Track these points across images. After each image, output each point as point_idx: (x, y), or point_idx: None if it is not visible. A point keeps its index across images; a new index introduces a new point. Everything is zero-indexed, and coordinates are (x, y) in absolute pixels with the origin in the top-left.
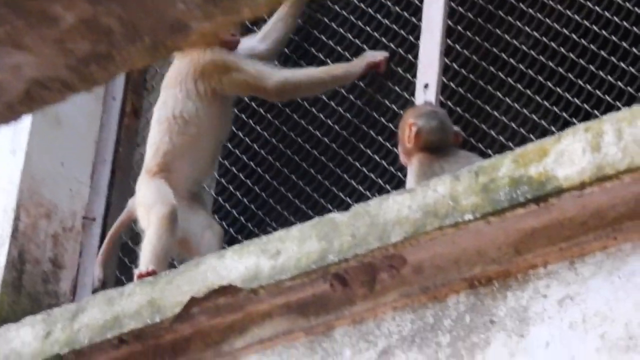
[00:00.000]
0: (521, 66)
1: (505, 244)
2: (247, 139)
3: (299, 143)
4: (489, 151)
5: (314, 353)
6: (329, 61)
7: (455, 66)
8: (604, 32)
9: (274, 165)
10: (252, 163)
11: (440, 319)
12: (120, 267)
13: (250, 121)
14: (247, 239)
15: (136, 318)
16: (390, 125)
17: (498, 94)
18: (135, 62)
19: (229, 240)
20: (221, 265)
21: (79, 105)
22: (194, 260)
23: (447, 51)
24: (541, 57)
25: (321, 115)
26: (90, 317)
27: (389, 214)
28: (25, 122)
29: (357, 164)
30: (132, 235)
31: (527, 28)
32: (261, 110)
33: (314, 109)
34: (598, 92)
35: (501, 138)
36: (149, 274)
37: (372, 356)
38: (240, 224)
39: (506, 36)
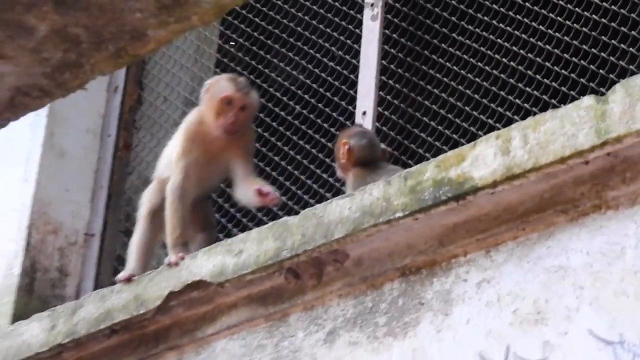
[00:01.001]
0: (443, 95)
1: (430, 238)
2: None
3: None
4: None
5: (272, 336)
6: (277, 94)
7: (389, 97)
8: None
9: None
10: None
11: (378, 304)
12: (116, 275)
13: None
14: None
15: (124, 311)
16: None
17: (424, 118)
18: (102, 68)
19: None
20: (194, 264)
21: (80, 141)
22: None
23: (381, 85)
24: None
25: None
26: (87, 312)
27: (333, 215)
28: (35, 155)
29: (302, 177)
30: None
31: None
32: None
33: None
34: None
35: (427, 155)
36: (127, 279)
37: (321, 337)
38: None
39: (431, 71)
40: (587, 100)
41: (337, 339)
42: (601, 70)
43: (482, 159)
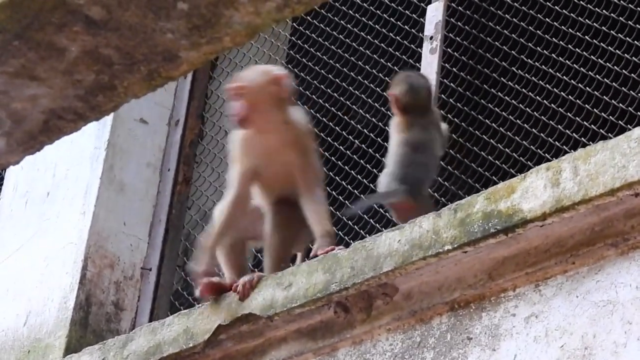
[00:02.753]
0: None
1: (480, 271)
2: None
3: None
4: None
5: None
6: (337, 129)
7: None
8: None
9: None
10: None
11: (426, 338)
12: (172, 310)
13: None
14: None
15: (174, 344)
16: None
17: (475, 148)
18: (136, 91)
19: None
20: None
21: (140, 175)
22: (222, 294)
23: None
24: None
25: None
26: (138, 345)
27: (382, 248)
28: (94, 188)
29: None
30: (184, 284)
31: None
32: None
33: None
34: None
35: (477, 185)
36: None
37: None
38: None
39: (487, 103)
40: (638, 131)
41: None
42: None
43: (532, 191)
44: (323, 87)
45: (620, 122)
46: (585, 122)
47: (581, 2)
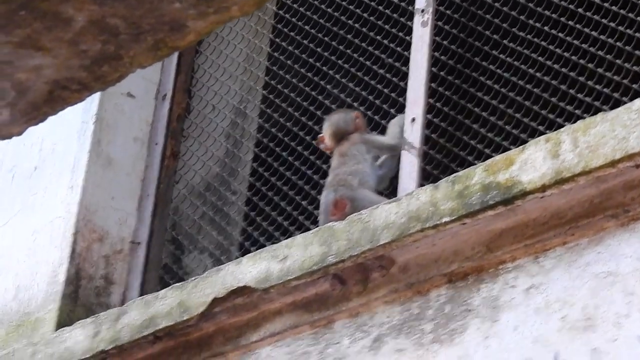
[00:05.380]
0: (493, 101)
1: (478, 243)
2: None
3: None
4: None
5: (317, 343)
6: (332, 107)
7: (438, 105)
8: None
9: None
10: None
11: (424, 310)
12: (161, 284)
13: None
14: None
15: (168, 318)
16: None
17: (474, 126)
18: (142, 61)
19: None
20: (238, 270)
21: (127, 149)
22: (216, 267)
23: (431, 92)
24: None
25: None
26: (131, 318)
27: (379, 220)
28: (82, 162)
29: None
30: (173, 258)
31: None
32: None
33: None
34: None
35: (477, 162)
36: None
37: (366, 344)
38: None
39: (481, 78)
40: (639, 102)
41: (382, 346)
42: None
43: (531, 162)
44: (311, 60)
45: (624, 98)
46: (587, 98)
47: None
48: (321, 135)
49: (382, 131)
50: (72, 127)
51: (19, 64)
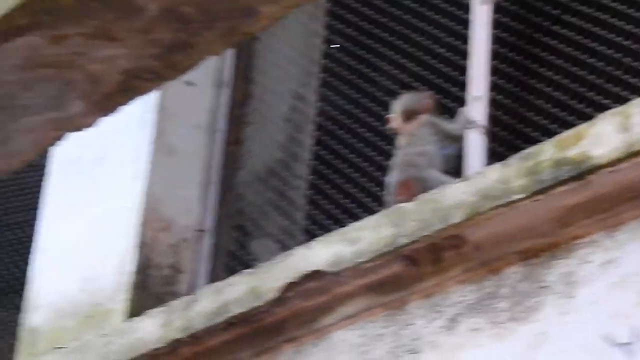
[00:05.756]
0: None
1: (551, 219)
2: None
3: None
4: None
5: (391, 325)
6: (392, 88)
7: (501, 82)
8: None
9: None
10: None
11: (498, 288)
12: (228, 271)
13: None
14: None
15: (240, 304)
16: None
17: (539, 102)
18: (214, 48)
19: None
20: (310, 253)
21: (189, 137)
22: (286, 252)
23: (493, 70)
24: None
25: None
26: (202, 306)
27: (450, 199)
28: (145, 152)
29: None
30: (238, 244)
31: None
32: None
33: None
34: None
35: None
36: None
37: (441, 324)
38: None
39: (543, 54)
40: None
41: (457, 326)
42: None
43: (602, 136)
44: (370, 42)
45: None
46: None
47: None
48: (391, 115)
49: (446, 112)
50: (133, 117)
51: (91, 55)
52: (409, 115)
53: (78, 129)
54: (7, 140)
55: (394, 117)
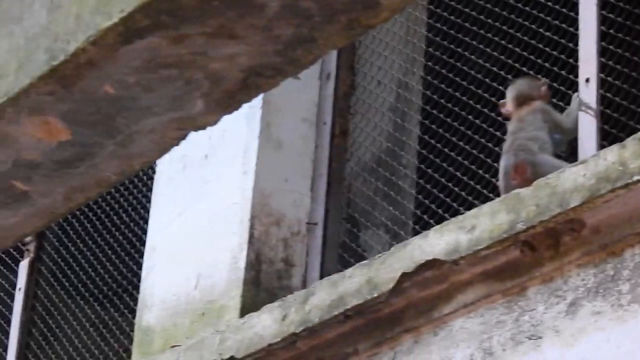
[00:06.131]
0: None
1: None
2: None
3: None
4: None
5: (511, 311)
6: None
7: (611, 63)
8: None
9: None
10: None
11: (619, 271)
12: (341, 263)
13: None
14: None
15: (357, 296)
16: None
17: None
18: (335, 42)
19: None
20: (425, 243)
21: (296, 130)
22: (402, 242)
23: (602, 51)
24: None
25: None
26: (319, 299)
27: (567, 183)
28: (253, 147)
29: None
30: (350, 236)
31: None
32: (456, 109)
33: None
34: None
35: None
36: None
37: (562, 309)
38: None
39: None
40: None
41: (579, 310)
42: None
43: None
44: (474, 28)
45: None
46: None
47: None
48: (503, 100)
49: (553, 94)
50: (239, 112)
51: (212, 54)
52: (522, 100)
53: (199, 128)
54: (129, 142)
55: (507, 102)
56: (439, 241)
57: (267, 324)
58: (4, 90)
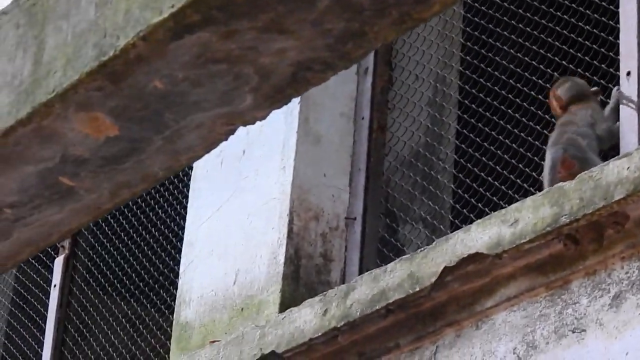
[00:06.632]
0: None
1: None
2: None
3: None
4: None
5: (555, 305)
6: (536, 65)
7: None
8: None
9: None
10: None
11: None
12: (380, 258)
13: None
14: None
15: (399, 290)
16: None
17: None
18: (386, 36)
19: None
20: (468, 237)
21: (335, 125)
22: (444, 236)
23: None
24: None
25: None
26: (360, 294)
27: (611, 176)
28: (291, 142)
29: None
30: (389, 230)
31: None
32: (494, 103)
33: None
34: None
35: None
36: None
37: (606, 302)
38: (480, 196)
39: None
40: None
41: (623, 303)
42: None
43: None
44: (513, 22)
45: None
46: None
47: None
48: (555, 90)
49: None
50: None
51: (262, 48)
52: (577, 99)
53: (248, 123)
54: (177, 137)
55: (558, 99)
56: (482, 235)
57: (308, 318)
58: (52, 86)
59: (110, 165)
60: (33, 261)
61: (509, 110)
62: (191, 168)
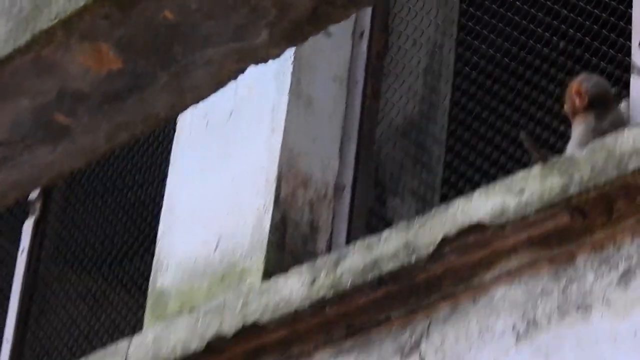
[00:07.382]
0: None
1: None
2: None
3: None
4: None
5: (558, 280)
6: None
7: None
8: None
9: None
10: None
11: None
12: (368, 229)
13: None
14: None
15: (393, 260)
16: None
17: None
18: None
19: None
20: (469, 205)
21: (327, 89)
22: (443, 204)
23: None
24: None
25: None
26: (352, 262)
27: (625, 146)
28: (282, 104)
29: None
30: (378, 201)
31: None
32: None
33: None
34: None
35: None
36: None
37: (613, 278)
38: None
39: None
40: None
41: (632, 280)
42: None
43: None
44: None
45: None
46: None
47: None
48: (576, 85)
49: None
50: (268, 68)
51: None
52: (597, 100)
53: (262, 60)
54: (184, 73)
55: (580, 98)
56: (484, 204)
57: (295, 287)
58: (55, 12)
59: (110, 103)
60: None
61: (505, 79)
62: (174, 129)
